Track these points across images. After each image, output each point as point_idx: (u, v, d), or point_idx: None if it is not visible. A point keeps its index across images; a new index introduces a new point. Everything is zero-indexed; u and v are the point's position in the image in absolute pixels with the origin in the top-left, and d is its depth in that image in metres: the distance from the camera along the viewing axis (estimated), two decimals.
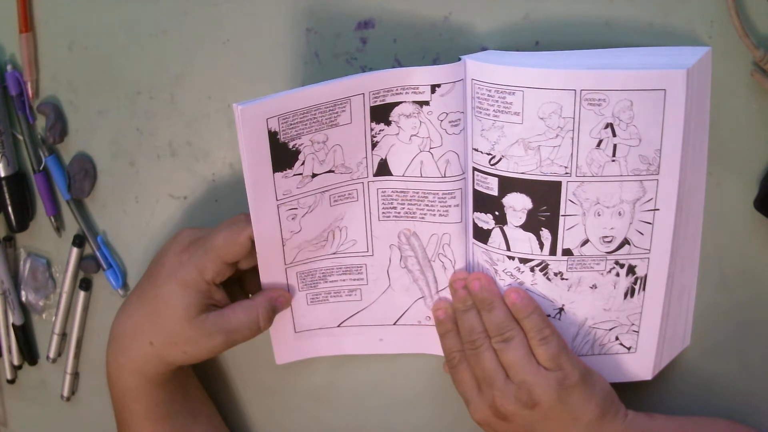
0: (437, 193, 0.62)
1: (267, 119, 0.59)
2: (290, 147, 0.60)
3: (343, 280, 0.66)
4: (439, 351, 0.67)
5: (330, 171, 0.62)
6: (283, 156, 0.60)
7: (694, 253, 0.65)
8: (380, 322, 0.68)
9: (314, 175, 0.62)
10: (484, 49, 0.64)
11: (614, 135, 0.59)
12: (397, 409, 0.73)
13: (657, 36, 0.62)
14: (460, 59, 0.60)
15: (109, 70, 0.70)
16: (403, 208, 0.63)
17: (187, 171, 0.71)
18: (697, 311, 0.67)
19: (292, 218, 0.63)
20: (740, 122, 0.63)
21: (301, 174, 0.61)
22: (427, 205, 0.63)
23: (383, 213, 0.64)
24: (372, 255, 0.65)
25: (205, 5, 0.67)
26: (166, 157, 0.71)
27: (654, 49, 0.62)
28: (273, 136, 0.59)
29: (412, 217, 0.64)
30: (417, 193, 0.63)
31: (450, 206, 0.63)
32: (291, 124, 0.59)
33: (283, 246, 0.64)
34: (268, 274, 0.65)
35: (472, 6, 0.64)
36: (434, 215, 0.63)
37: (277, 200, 0.62)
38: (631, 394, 0.69)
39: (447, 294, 0.66)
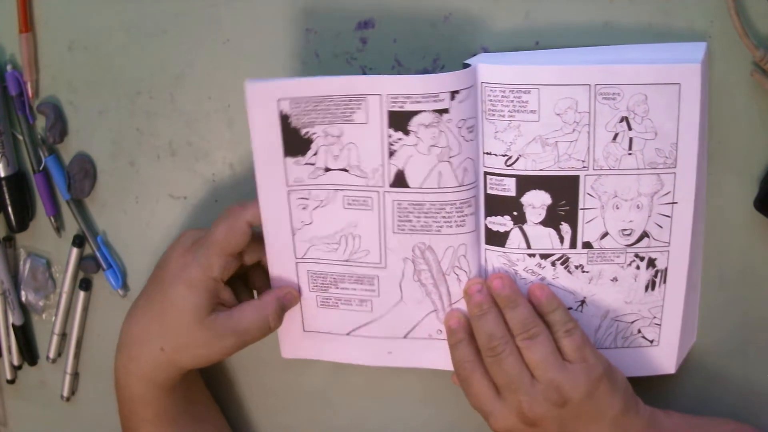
0: (455, 203, 0.62)
1: (278, 100, 0.59)
2: (302, 134, 0.60)
3: (354, 290, 0.66)
4: (448, 366, 0.65)
5: (344, 170, 0.62)
6: (294, 141, 0.61)
7: (700, 248, 0.66)
8: (390, 334, 0.67)
9: (327, 170, 0.62)
10: (485, 49, 0.64)
11: (630, 128, 0.60)
12: (398, 410, 0.73)
13: (657, 36, 0.62)
14: (469, 64, 0.60)
15: (109, 70, 0.70)
16: (419, 222, 0.62)
17: (187, 171, 0.71)
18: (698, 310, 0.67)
19: (303, 208, 0.63)
20: (740, 122, 0.63)
21: (313, 164, 0.62)
22: (444, 217, 0.62)
23: (398, 226, 0.63)
24: (385, 267, 0.65)
25: (205, 5, 0.67)
26: (166, 157, 0.71)
27: (651, 45, 0.62)
28: (284, 119, 0.60)
29: (428, 231, 0.63)
30: (434, 205, 0.62)
31: (466, 215, 0.62)
32: (304, 111, 0.60)
33: (293, 236, 0.64)
34: (277, 266, 0.65)
35: (472, 6, 0.64)
36: (451, 227, 0.62)
37: (287, 186, 0.62)
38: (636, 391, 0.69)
39: (460, 306, 0.65)
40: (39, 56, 0.71)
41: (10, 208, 0.72)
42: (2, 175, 0.71)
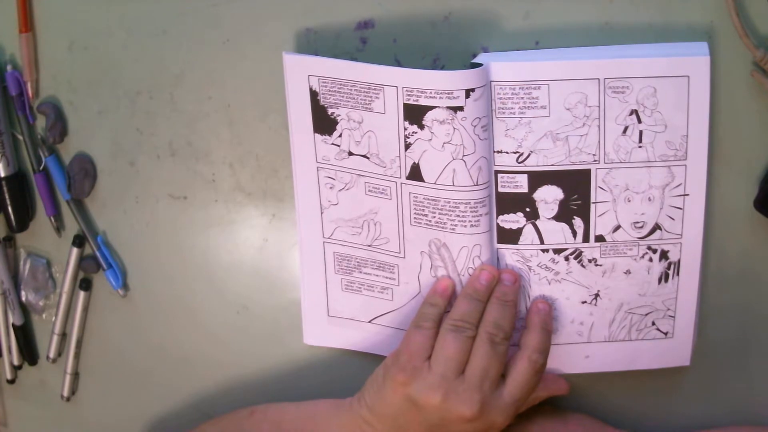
0: (469, 203, 0.62)
1: (308, 76, 0.62)
2: (329, 113, 0.63)
3: (377, 276, 0.67)
4: None
5: (365, 156, 0.63)
6: (322, 119, 0.63)
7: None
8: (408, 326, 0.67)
9: (350, 154, 0.64)
10: (484, 49, 0.64)
11: (639, 121, 0.61)
12: None
13: (656, 36, 0.62)
14: (479, 63, 0.60)
15: (109, 70, 0.70)
16: (434, 217, 0.63)
17: (187, 171, 0.71)
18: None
19: (330, 187, 0.65)
20: (740, 122, 0.63)
21: (338, 146, 0.64)
22: (458, 216, 0.62)
23: (414, 218, 0.64)
24: (404, 258, 0.65)
25: (205, 5, 0.67)
26: (166, 157, 0.71)
27: (653, 45, 0.62)
28: (314, 95, 0.63)
29: (442, 228, 0.63)
30: (448, 202, 0.62)
31: (481, 215, 0.62)
32: (330, 91, 0.62)
33: (321, 214, 0.66)
34: (307, 244, 0.67)
35: (472, 6, 0.64)
36: (465, 226, 0.62)
37: (316, 162, 0.65)
38: (634, 392, 0.69)
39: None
40: (39, 56, 0.71)
41: (10, 208, 0.72)
42: (2, 175, 0.71)
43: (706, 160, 0.62)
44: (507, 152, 0.62)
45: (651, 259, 0.64)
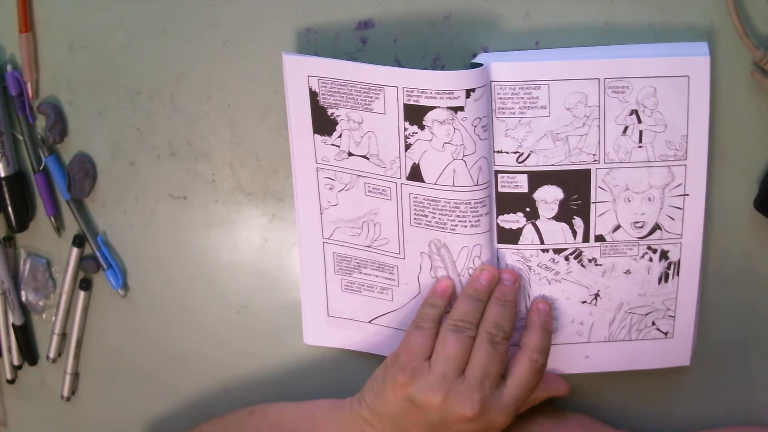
0: (469, 203, 0.62)
1: (308, 76, 0.62)
2: (328, 114, 0.63)
3: (376, 276, 0.67)
4: None
5: (365, 157, 0.63)
6: (322, 120, 0.63)
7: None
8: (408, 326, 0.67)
9: (350, 154, 0.64)
10: (485, 49, 0.64)
11: (639, 121, 0.61)
12: None
13: (656, 36, 0.62)
14: (479, 63, 0.60)
15: (109, 70, 0.70)
16: (434, 218, 0.63)
17: (187, 171, 0.71)
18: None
19: (330, 188, 0.65)
20: (740, 122, 0.63)
21: (338, 147, 0.64)
22: (458, 216, 0.62)
23: (414, 219, 0.64)
24: (403, 258, 0.65)
25: (205, 5, 0.67)
26: (166, 157, 0.71)
27: (653, 45, 0.62)
28: (313, 96, 0.63)
29: (442, 228, 0.63)
30: (449, 203, 0.62)
31: (481, 215, 0.62)
32: (330, 91, 0.62)
33: (321, 215, 0.66)
34: (306, 244, 0.67)
35: (472, 6, 0.64)
36: (465, 226, 0.63)
37: (316, 163, 0.65)
38: (634, 392, 0.69)
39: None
40: (39, 56, 0.71)
41: (10, 208, 0.72)
42: (2, 175, 0.71)
43: (706, 160, 0.62)
44: (507, 152, 0.62)
45: (651, 259, 0.64)
